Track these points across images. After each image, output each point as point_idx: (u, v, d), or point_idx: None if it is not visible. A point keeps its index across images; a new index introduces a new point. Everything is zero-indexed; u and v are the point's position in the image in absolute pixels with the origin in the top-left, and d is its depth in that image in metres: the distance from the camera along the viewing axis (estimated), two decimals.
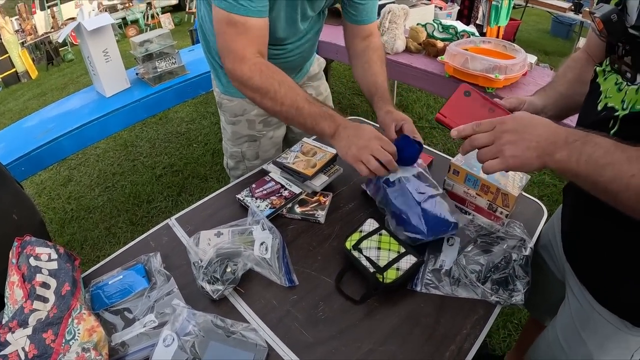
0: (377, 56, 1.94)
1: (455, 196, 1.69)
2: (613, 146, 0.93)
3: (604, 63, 1.20)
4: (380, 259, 1.40)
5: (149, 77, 3.23)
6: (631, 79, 1.05)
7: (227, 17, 1.48)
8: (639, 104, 0.98)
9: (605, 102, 1.12)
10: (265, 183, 1.78)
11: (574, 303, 1.40)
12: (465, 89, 1.25)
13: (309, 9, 1.73)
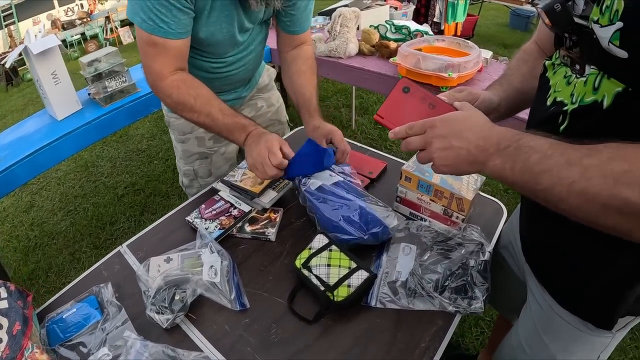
0: (307, 66, 1.93)
1: (409, 203, 1.64)
2: (550, 149, 0.86)
3: (554, 56, 1.15)
4: (331, 276, 1.35)
5: (100, 97, 3.14)
6: (580, 71, 1.00)
7: (148, 38, 1.50)
8: (587, 96, 0.93)
9: (554, 97, 1.07)
10: (215, 203, 1.72)
11: (535, 306, 1.36)
12: (404, 84, 1.16)
13: (246, 21, 1.68)
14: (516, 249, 1.49)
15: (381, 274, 1.43)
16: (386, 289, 1.38)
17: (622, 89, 0.86)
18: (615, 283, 1.08)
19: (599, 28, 0.88)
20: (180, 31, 1.51)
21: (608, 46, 0.85)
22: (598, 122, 0.92)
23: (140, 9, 1.44)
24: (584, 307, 1.18)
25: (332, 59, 3.12)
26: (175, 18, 1.46)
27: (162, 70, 1.57)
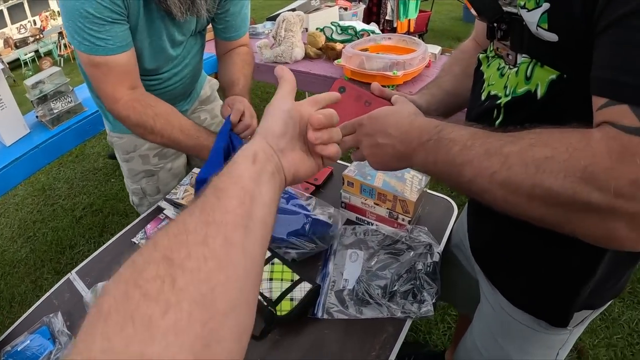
0: (239, 58, 1.90)
1: (354, 208, 1.62)
2: (471, 139, 0.83)
3: (488, 49, 1.12)
4: (273, 290, 1.32)
5: (47, 119, 3.06)
6: (512, 61, 0.97)
7: (89, 59, 1.45)
8: (520, 87, 0.91)
9: (488, 91, 1.05)
10: (160, 222, 1.68)
11: (487, 307, 1.33)
12: (340, 84, 1.15)
13: (177, 33, 1.64)
14: (467, 247, 1.46)
15: (328, 283, 1.40)
16: (333, 299, 1.35)
17: (557, 76, 0.84)
18: (567, 280, 1.06)
19: (526, 13, 0.85)
20: (120, 44, 1.45)
21: (537, 31, 0.83)
22: (533, 114, 0.90)
23: (74, 31, 1.39)
24: (537, 306, 1.16)
25: (278, 65, 3.07)
26: (110, 32, 1.41)
27: (114, 91, 1.51)
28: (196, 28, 1.74)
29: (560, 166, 0.70)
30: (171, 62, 1.74)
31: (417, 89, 2.40)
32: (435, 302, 1.29)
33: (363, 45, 2.79)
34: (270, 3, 8.63)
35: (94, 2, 1.34)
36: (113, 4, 1.37)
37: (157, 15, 1.53)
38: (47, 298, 1.52)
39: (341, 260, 1.46)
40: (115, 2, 1.38)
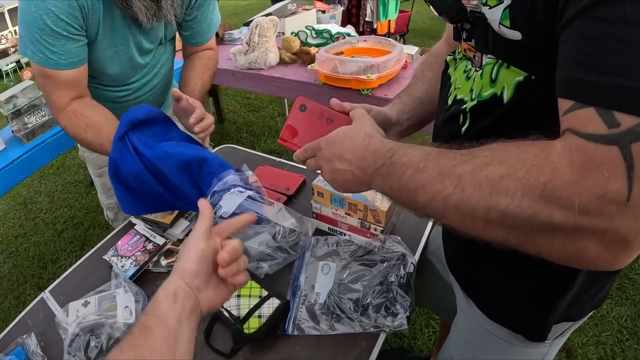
0: (200, 62, 1.88)
1: (325, 218, 1.59)
2: (424, 160, 0.78)
3: (457, 51, 1.07)
4: (241, 307, 1.29)
5: (22, 134, 3.02)
6: (477, 62, 0.92)
7: (40, 70, 1.45)
8: (485, 90, 0.87)
9: (454, 95, 1.00)
10: (131, 238, 1.64)
11: (463, 319, 1.29)
12: (301, 102, 1.11)
13: (144, 41, 1.62)
14: (443, 256, 1.41)
15: (299, 296, 1.37)
16: (304, 313, 1.31)
17: (524, 77, 0.79)
18: (544, 292, 1.02)
19: (488, 10, 0.80)
20: (72, 60, 1.45)
21: (499, 29, 0.78)
22: (500, 119, 0.86)
23: (29, 41, 1.38)
24: (513, 319, 1.11)
25: (253, 71, 3.05)
26: (64, 48, 1.40)
27: (58, 101, 1.52)
28: (165, 35, 1.72)
29: (516, 185, 0.65)
30: (140, 71, 1.72)
31: (393, 92, 2.38)
32: (409, 315, 1.26)
33: (338, 48, 2.76)
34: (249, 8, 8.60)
35: (52, 15, 1.33)
36: (72, 18, 1.36)
37: (122, 23, 1.50)
38: (22, 318, 1.50)
39: (313, 273, 1.43)
40: (73, 15, 1.36)
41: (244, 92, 6.12)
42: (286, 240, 1.44)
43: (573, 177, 0.60)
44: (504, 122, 0.85)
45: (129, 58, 1.61)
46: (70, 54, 1.43)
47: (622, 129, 0.57)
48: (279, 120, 5.36)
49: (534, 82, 0.78)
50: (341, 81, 2.51)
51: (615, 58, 0.59)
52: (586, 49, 0.62)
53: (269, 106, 5.79)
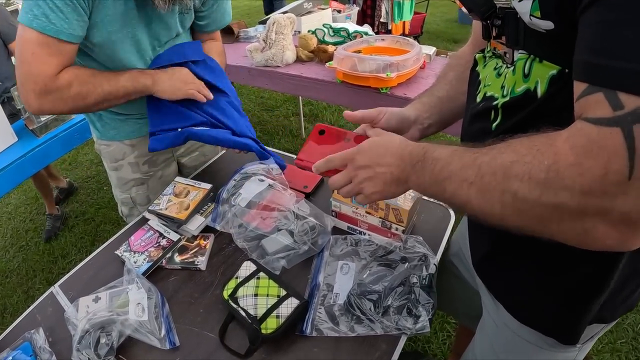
0: (219, 61, 1.93)
1: (345, 217, 1.54)
2: (451, 155, 0.84)
3: (486, 49, 1.07)
4: (258, 307, 1.24)
5: (35, 127, 2.99)
6: (510, 59, 0.93)
7: (38, 36, 1.38)
8: (518, 86, 0.87)
9: (484, 92, 1.00)
10: (144, 233, 1.60)
11: (489, 323, 1.26)
12: (319, 128, 1.18)
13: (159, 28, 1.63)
14: (467, 257, 1.40)
15: (318, 297, 1.32)
16: (323, 314, 1.27)
17: (557, 71, 0.79)
18: (578, 292, 0.99)
19: (517, 3, 0.80)
20: (71, 32, 1.41)
21: (530, 20, 0.78)
22: (533, 113, 0.86)
23: (34, 4, 1.34)
24: (544, 322, 1.08)
25: (269, 69, 3.01)
26: (68, 16, 1.37)
27: (53, 70, 1.45)
28: (182, 26, 1.72)
29: (524, 168, 0.69)
30: (150, 60, 1.70)
31: (411, 91, 2.34)
32: (432, 318, 1.21)
33: (356, 47, 2.72)
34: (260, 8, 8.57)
35: None
36: None
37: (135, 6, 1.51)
38: (31, 312, 1.47)
39: (332, 273, 1.39)
40: None
41: (258, 91, 6.11)
42: (305, 236, 1.40)
43: (574, 159, 0.63)
44: (537, 117, 0.85)
45: (138, 45, 1.60)
46: (72, 24, 1.38)
47: (625, 111, 0.59)
48: (293, 119, 5.34)
49: (567, 76, 0.77)
50: (360, 79, 2.46)
51: (627, 43, 0.60)
52: (601, 34, 0.63)
53: (283, 105, 5.78)
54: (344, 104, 2.77)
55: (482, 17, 0.95)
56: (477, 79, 1.06)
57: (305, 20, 3.54)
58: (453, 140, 0.91)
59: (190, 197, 1.63)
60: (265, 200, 1.43)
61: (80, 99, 1.52)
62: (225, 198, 1.45)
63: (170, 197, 1.66)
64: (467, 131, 1.08)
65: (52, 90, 1.47)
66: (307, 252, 1.42)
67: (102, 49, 1.53)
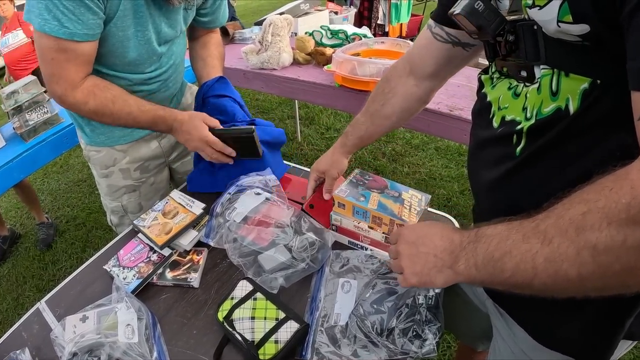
0: (217, 52, 1.97)
1: (346, 231, 1.47)
2: (507, 229, 0.75)
3: (490, 69, 1.01)
4: (255, 331, 1.17)
5: (23, 131, 2.91)
6: (528, 77, 0.85)
7: (54, 42, 1.35)
8: (546, 105, 0.80)
9: (501, 116, 0.94)
10: (134, 247, 1.53)
11: (503, 347, 1.19)
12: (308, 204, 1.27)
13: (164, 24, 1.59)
14: None
15: (318, 318, 1.25)
16: (324, 337, 1.20)
17: (589, 83, 0.73)
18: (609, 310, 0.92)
19: (537, 11, 0.73)
20: (87, 32, 1.36)
21: (559, 27, 0.70)
22: (562, 133, 0.80)
23: (45, 8, 1.29)
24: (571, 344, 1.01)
25: (265, 71, 2.95)
26: (83, 17, 1.32)
27: (74, 77, 1.45)
28: (185, 22, 1.71)
29: (600, 216, 0.61)
30: (157, 61, 1.67)
31: None
32: (439, 341, 1.14)
33: (354, 49, 2.67)
34: (259, 8, 8.53)
35: None
36: None
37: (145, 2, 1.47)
38: (17, 330, 1.38)
39: (332, 291, 1.31)
40: None
41: (253, 94, 6.06)
42: (304, 252, 1.33)
43: None
44: (567, 137, 0.80)
45: (147, 41, 1.56)
46: (87, 24, 1.34)
47: None
48: (289, 122, 5.29)
49: (600, 87, 0.72)
50: (360, 83, 2.40)
51: None
52: None
53: (278, 108, 5.73)
54: (343, 108, 2.71)
55: (492, 34, 0.87)
56: (485, 101, 1.01)
57: (303, 21, 3.49)
58: None
59: (177, 219, 1.54)
60: (261, 214, 1.36)
61: (95, 116, 1.57)
62: (219, 212, 1.37)
63: (158, 214, 1.57)
64: (480, 158, 1.05)
65: (70, 103, 1.50)
66: (306, 269, 1.34)
67: (111, 45, 1.49)
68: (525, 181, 0.91)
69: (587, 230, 0.61)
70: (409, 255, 0.94)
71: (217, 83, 1.84)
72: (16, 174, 2.81)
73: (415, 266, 0.92)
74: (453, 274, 0.86)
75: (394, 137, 4.68)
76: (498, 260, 0.74)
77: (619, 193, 0.59)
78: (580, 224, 0.62)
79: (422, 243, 0.92)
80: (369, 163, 4.33)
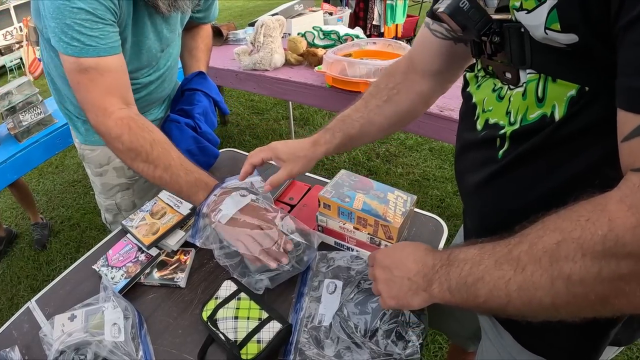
0: (204, 44, 1.98)
1: (332, 232, 1.47)
2: (480, 254, 0.75)
3: (476, 67, 1.00)
4: (238, 331, 1.17)
5: (17, 132, 2.92)
6: (513, 79, 0.84)
7: (77, 63, 1.32)
8: (532, 112, 0.79)
9: (485, 118, 0.93)
10: (123, 247, 1.53)
11: (492, 351, 1.19)
12: None
13: (165, 30, 1.59)
14: None
15: (302, 318, 1.25)
16: (308, 338, 1.20)
17: (576, 90, 0.71)
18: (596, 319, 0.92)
19: (525, 15, 0.71)
20: (112, 45, 1.34)
21: (546, 34, 0.69)
22: (547, 139, 0.78)
23: (61, 32, 1.27)
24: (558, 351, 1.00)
25: (257, 72, 2.96)
26: (103, 31, 1.30)
27: (104, 102, 1.37)
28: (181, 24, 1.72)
29: (574, 246, 0.61)
30: (155, 64, 1.67)
31: None
32: (422, 343, 1.14)
33: (346, 50, 2.68)
34: (256, 9, 8.53)
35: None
36: (108, 1, 1.29)
37: (145, 12, 1.45)
38: (7, 328, 1.39)
39: (317, 292, 1.31)
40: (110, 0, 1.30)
41: (247, 94, 6.07)
42: (289, 254, 1.33)
43: (636, 220, 0.55)
44: (552, 144, 0.78)
45: (147, 50, 1.55)
46: (108, 37, 1.32)
47: None
48: (283, 123, 5.30)
49: (588, 95, 0.71)
50: (350, 84, 2.41)
51: None
52: None
53: (273, 109, 5.73)
54: (333, 109, 2.71)
55: (477, 34, 0.85)
56: (470, 103, 1.00)
57: (296, 22, 3.50)
58: None
59: (164, 220, 1.54)
60: (247, 216, 1.36)
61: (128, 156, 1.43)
62: (205, 213, 1.38)
63: (146, 215, 1.57)
64: (466, 161, 1.04)
65: (102, 132, 1.42)
66: (291, 271, 1.34)
67: None
68: (509, 184, 0.90)
69: (561, 261, 0.62)
70: (384, 279, 0.96)
71: (195, 77, 1.85)
72: (10, 174, 2.82)
73: (391, 290, 0.94)
74: (428, 296, 0.87)
75: (388, 138, 4.67)
76: (471, 286, 0.75)
77: (595, 224, 0.59)
78: (554, 253, 0.63)
79: (396, 267, 0.94)
80: (363, 164, 4.34)
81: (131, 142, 1.38)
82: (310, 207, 1.61)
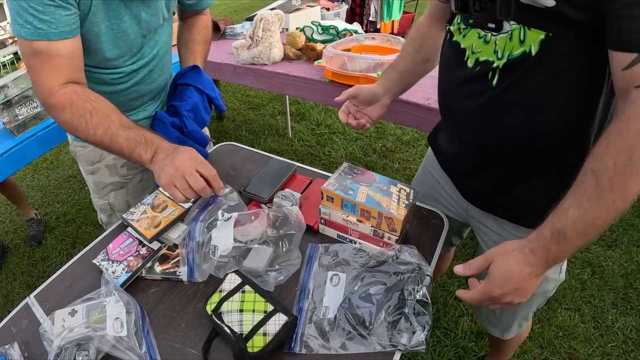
0: (201, 36, 1.93)
1: (334, 225, 1.47)
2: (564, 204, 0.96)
3: (455, 21, 1.24)
4: (244, 323, 1.16)
5: (12, 126, 2.89)
6: (496, 28, 1.09)
7: (30, 46, 1.31)
8: (516, 49, 1.06)
9: (475, 58, 1.17)
10: (123, 240, 1.51)
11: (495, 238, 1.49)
12: None
13: (143, 13, 1.52)
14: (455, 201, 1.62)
15: (306, 311, 1.25)
16: (312, 330, 1.20)
17: (544, 35, 1.00)
18: None
19: None
20: (63, 30, 1.31)
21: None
22: (528, 69, 1.06)
23: (16, 13, 1.26)
24: None
25: (255, 67, 2.95)
26: (54, 15, 1.27)
27: (51, 83, 1.35)
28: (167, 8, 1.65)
29: None
30: (138, 52, 1.61)
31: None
32: (428, 333, 1.14)
33: (345, 45, 2.67)
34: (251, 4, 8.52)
35: None
36: None
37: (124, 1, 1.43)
38: (5, 324, 1.37)
39: (321, 284, 1.31)
40: None
41: (244, 89, 6.04)
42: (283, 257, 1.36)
43: None
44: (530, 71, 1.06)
45: (123, 34, 1.50)
46: (60, 22, 1.29)
47: None
48: (279, 118, 5.28)
49: (552, 39, 1.00)
50: (350, 79, 2.41)
51: None
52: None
53: (269, 104, 5.70)
54: (332, 104, 2.71)
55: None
56: (459, 48, 1.22)
57: (294, 17, 3.48)
58: None
59: (166, 213, 1.53)
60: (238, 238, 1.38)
61: (71, 128, 1.42)
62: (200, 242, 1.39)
63: (147, 208, 1.56)
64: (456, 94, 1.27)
65: (49, 108, 1.41)
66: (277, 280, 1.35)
67: (86, 42, 1.44)
68: (502, 108, 1.15)
69: None
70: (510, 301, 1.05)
71: (189, 71, 1.80)
72: (5, 169, 2.79)
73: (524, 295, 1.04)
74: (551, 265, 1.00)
75: (385, 134, 4.68)
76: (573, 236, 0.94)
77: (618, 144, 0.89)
78: None
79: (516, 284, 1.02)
80: (360, 159, 4.33)
81: (72, 115, 1.38)
82: (311, 200, 1.60)
